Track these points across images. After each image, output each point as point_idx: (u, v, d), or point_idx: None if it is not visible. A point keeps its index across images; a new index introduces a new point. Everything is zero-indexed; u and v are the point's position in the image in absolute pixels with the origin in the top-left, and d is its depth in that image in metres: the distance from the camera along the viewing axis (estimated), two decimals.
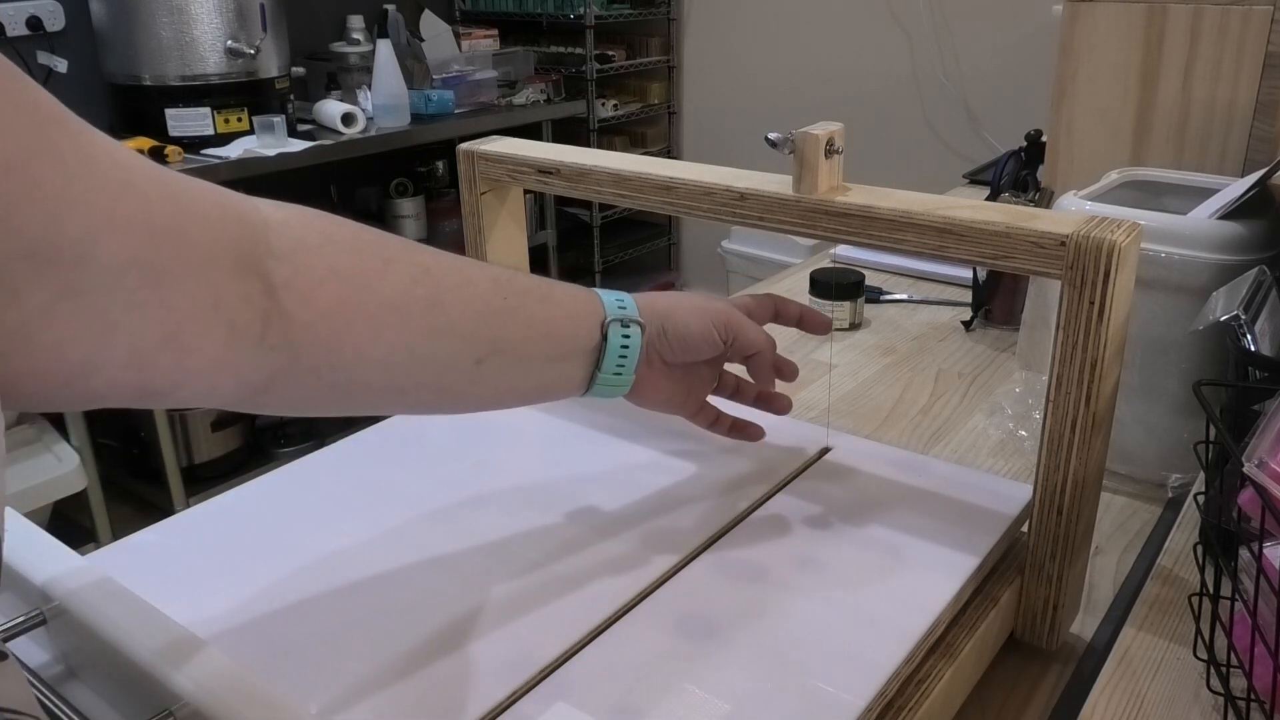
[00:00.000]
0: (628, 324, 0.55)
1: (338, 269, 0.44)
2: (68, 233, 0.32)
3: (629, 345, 0.55)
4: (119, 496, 2.23)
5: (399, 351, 0.46)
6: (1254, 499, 0.46)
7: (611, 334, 0.54)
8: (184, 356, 0.37)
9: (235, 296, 0.39)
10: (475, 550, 0.57)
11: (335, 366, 0.44)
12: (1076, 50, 1.00)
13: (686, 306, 0.58)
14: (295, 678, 0.47)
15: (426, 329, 0.47)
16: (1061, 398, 0.53)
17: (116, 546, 0.59)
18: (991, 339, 1.10)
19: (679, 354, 0.58)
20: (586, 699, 0.46)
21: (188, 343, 0.37)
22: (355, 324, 0.44)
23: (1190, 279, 0.72)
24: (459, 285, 0.49)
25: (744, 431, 0.66)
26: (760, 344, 0.60)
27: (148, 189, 0.35)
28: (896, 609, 0.52)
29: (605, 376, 0.54)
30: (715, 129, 3.23)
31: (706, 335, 0.58)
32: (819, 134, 0.57)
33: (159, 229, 0.36)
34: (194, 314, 0.37)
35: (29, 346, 0.32)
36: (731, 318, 0.59)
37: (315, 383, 0.44)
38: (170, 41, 2.11)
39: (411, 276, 0.46)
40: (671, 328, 0.57)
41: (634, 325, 0.55)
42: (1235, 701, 0.49)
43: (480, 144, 0.73)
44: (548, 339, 0.52)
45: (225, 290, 0.39)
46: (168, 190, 0.37)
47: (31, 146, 0.31)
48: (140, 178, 0.35)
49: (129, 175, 0.35)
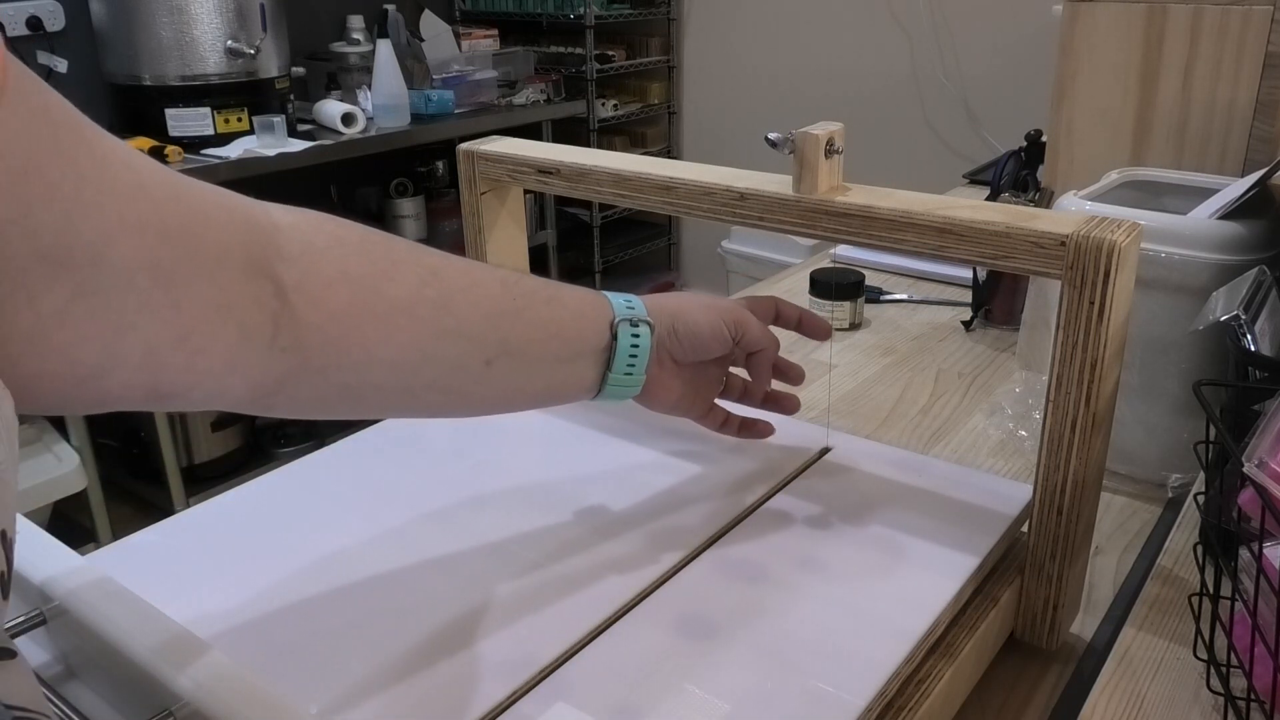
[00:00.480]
0: (637, 323, 0.55)
1: (347, 271, 0.44)
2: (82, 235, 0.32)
3: (639, 345, 0.55)
4: (119, 496, 2.23)
5: (408, 352, 0.46)
6: (1254, 499, 0.46)
7: (621, 333, 0.54)
8: (195, 358, 0.38)
9: (246, 298, 0.39)
10: (475, 550, 0.57)
11: (345, 368, 0.44)
12: (1076, 50, 1.00)
13: (695, 304, 0.59)
14: (295, 678, 0.47)
15: (436, 330, 0.47)
16: (1061, 398, 0.53)
17: (116, 546, 0.59)
18: (991, 339, 1.10)
19: (690, 352, 0.58)
20: (586, 699, 0.46)
21: (199, 344, 0.38)
22: (365, 325, 0.44)
23: (1190, 279, 0.72)
24: (467, 286, 0.49)
25: (754, 429, 0.66)
26: (765, 340, 0.61)
27: (159, 192, 0.36)
28: (896, 609, 0.52)
29: (616, 377, 0.54)
30: (715, 129, 3.23)
31: (717, 331, 0.58)
32: (819, 134, 0.57)
33: (170, 231, 0.36)
34: (205, 315, 0.38)
35: (44, 348, 0.33)
36: (739, 314, 0.59)
37: (324, 384, 0.44)
38: (170, 41, 2.11)
39: (420, 278, 0.47)
40: (682, 326, 0.57)
41: (643, 325, 0.55)
42: (1235, 701, 0.49)
43: (480, 144, 0.73)
44: (557, 339, 0.52)
45: (236, 292, 0.39)
46: (178, 194, 0.37)
47: (47, 151, 0.31)
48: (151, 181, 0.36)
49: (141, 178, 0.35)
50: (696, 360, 0.59)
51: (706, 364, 0.61)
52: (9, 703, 0.28)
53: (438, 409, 0.51)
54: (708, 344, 0.58)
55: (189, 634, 0.41)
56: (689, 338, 0.58)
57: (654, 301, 0.57)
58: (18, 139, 0.30)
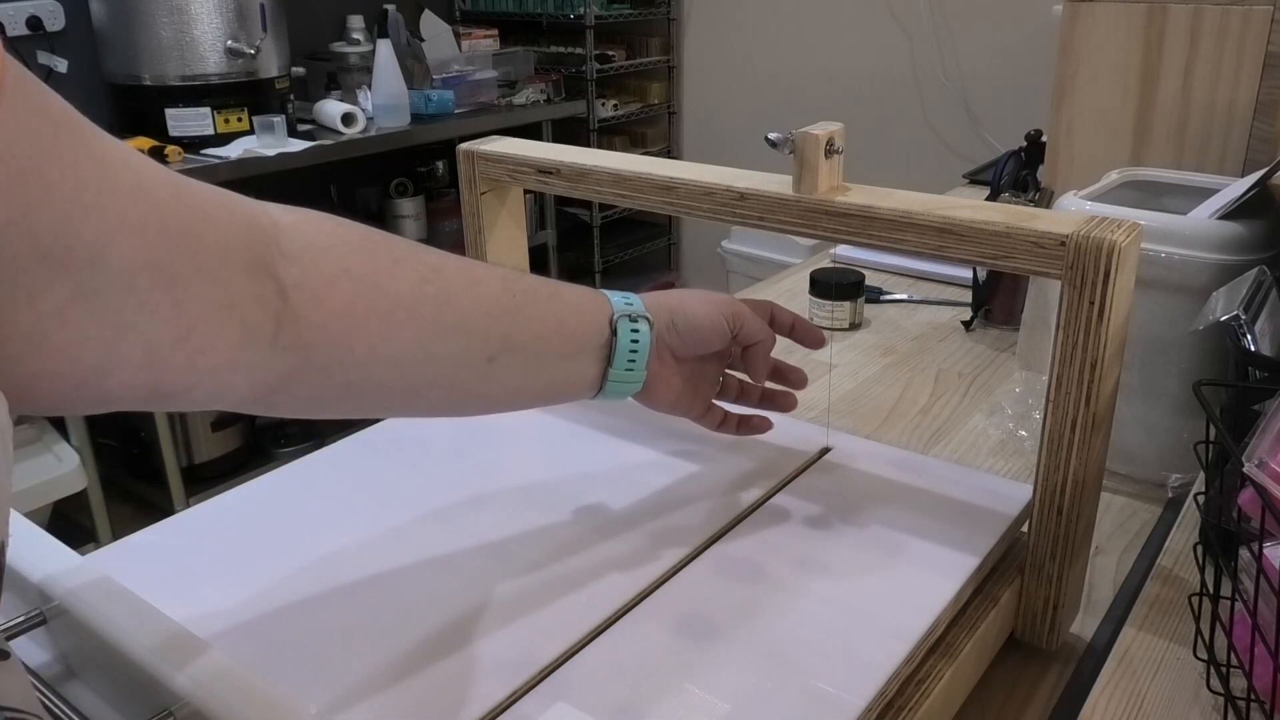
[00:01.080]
0: (636, 319, 0.55)
1: (349, 269, 0.44)
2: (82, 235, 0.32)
3: (639, 340, 0.55)
4: (119, 496, 2.23)
5: (411, 349, 0.46)
6: (1254, 499, 0.46)
7: (621, 329, 0.54)
8: (197, 356, 0.38)
9: (247, 297, 0.39)
10: (475, 550, 0.57)
11: (348, 365, 0.44)
12: (1076, 50, 1.00)
13: (693, 299, 0.59)
14: (295, 678, 0.47)
15: (438, 326, 0.47)
16: (1061, 398, 0.53)
17: (116, 546, 0.59)
18: (991, 339, 1.10)
19: (690, 346, 0.58)
20: (586, 699, 0.46)
21: (200, 343, 0.38)
22: (367, 322, 0.44)
23: (1190, 279, 0.72)
24: (469, 283, 0.49)
25: (751, 425, 0.66)
26: (762, 334, 0.61)
27: (159, 192, 0.36)
28: (896, 609, 0.52)
29: (617, 373, 0.55)
30: (715, 129, 3.23)
31: (716, 324, 0.58)
32: (819, 134, 0.57)
33: (171, 231, 0.36)
34: (206, 314, 0.38)
35: (44, 349, 0.33)
36: (737, 307, 0.60)
37: (327, 382, 0.44)
38: (170, 41, 2.11)
39: (422, 275, 0.47)
40: (681, 320, 0.58)
41: (642, 320, 0.55)
42: (1235, 701, 0.49)
43: (480, 144, 0.73)
44: (558, 335, 0.52)
45: (237, 291, 0.39)
46: (178, 193, 0.37)
47: (46, 151, 0.31)
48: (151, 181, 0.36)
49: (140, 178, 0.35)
50: (696, 354, 0.59)
51: (705, 361, 0.61)
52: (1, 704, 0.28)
53: (441, 407, 0.51)
54: (707, 337, 0.59)
55: (189, 634, 0.41)
56: (688, 331, 0.58)
57: (652, 298, 0.58)
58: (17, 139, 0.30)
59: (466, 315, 0.48)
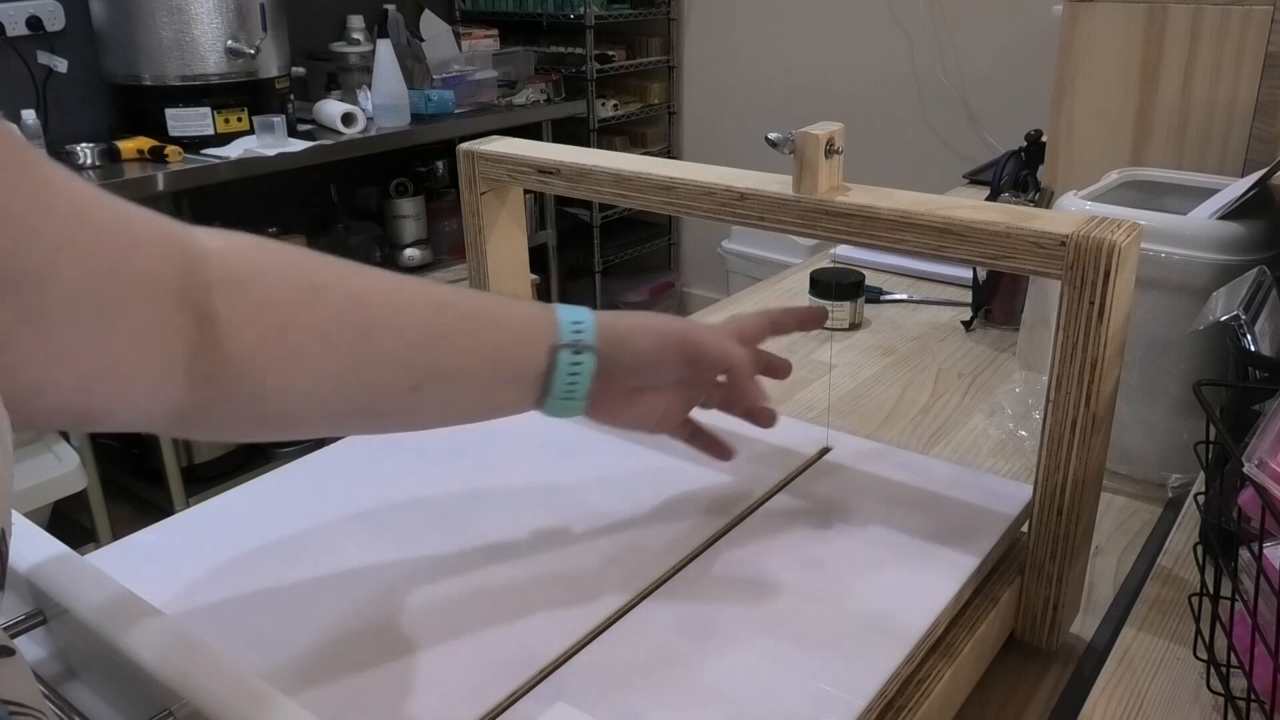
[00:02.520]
0: (581, 350, 0.52)
1: (266, 301, 0.44)
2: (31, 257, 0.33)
3: (579, 373, 0.53)
4: (119, 496, 2.22)
5: (327, 382, 0.45)
6: (1254, 499, 0.46)
7: (561, 360, 0.52)
8: (124, 383, 0.38)
9: (170, 327, 0.40)
10: (475, 550, 0.57)
11: (259, 398, 0.44)
12: (1076, 50, 1.00)
13: (647, 330, 0.56)
14: (295, 678, 0.47)
15: (357, 359, 0.46)
16: (1061, 398, 0.53)
17: (116, 546, 0.59)
18: (991, 339, 1.10)
19: (636, 379, 0.56)
20: (586, 699, 0.46)
21: (128, 370, 0.38)
22: (279, 357, 0.44)
23: (1190, 279, 0.72)
24: (398, 309, 0.48)
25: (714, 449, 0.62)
26: (730, 360, 0.57)
27: (100, 218, 0.36)
28: (896, 609, 0.52)
29: (554, 401, 0.53)
30: (715, 129, 3.23)
31: (660, 360, 0.55)
32: (819, 134, 0.57)
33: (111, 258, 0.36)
34: (136, 342, 0.38)
35: None
36: (690, 338, 0.56)
37: (244, 412, 0.44)
38: (170, 41, 2.11)
39: (342, 306, 0.46)
40: (624, 355, 0.54)
41: (587, 352, 0.53)
42: (1235, 701, 0.49)
43: (480, 144, 0.73)
44: (489, 363, 0.51)
45: (163, 321, 0.39)
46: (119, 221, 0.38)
47: None
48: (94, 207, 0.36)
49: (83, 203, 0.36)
50: (644, 385, 0.57)
51: (668, 386, 0.58)
52: (7, 699, 0.28)
53: (364, 430, 0.51)
54: (652, 371, 0.56)
55: (189, 634, 0.41)
56: (631, 367, 0.55)
57: (608, 322, 0.54)
58: None
59: (388, 347, 0.47)
